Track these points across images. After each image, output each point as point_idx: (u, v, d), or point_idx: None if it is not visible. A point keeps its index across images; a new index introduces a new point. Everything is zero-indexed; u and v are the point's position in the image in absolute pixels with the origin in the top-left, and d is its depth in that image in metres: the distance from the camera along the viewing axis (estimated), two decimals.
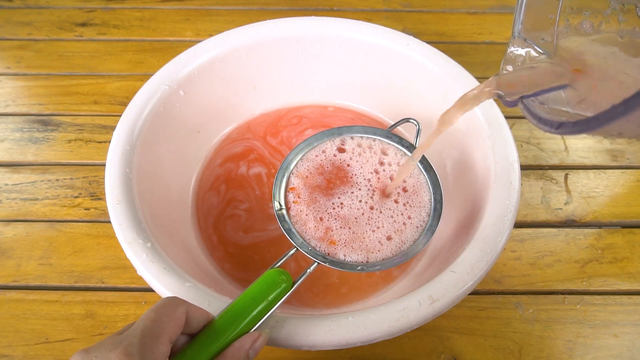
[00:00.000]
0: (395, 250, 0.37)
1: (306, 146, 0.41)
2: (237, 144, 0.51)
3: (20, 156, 0.54)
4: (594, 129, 0.19)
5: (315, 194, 0.39)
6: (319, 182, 0.39)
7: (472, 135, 0.42)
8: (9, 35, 0.68)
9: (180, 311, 0.26)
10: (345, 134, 0.42)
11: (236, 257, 0.44)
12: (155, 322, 0.25)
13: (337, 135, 0.42)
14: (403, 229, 0.38)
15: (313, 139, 0.42)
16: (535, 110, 0.24)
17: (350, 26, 0.48)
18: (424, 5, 0.74)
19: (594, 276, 0.46)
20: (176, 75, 0.44)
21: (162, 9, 0.72)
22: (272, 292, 0.30)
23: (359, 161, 0.41)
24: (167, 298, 0.27)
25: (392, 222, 0.38)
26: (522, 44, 0.28)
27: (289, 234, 0.36)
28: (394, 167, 0.41)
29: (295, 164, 0.40)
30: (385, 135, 0.42)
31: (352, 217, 0.38)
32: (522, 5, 0.28)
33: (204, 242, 0.45)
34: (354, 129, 0.42)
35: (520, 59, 0.28)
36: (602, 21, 0.25)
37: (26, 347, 0.42)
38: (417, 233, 0.38)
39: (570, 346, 0.42)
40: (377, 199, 0.39)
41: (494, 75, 0.28)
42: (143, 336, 0.24)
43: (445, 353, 0.42)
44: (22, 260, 0.47)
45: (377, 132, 0.42)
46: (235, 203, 0.47)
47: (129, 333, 0.24)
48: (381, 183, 0.40)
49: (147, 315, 0.25)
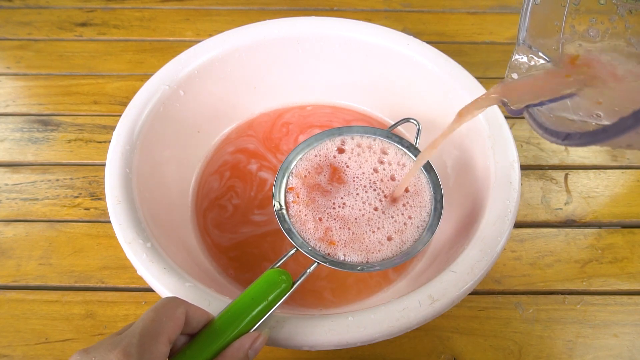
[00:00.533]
0: (395, 251, 0.37)
1: (306, 146, 0.41)
2: (237, 144, 0.51)
3: (20, 156, 0.54)
4: (602, 141, 0.18)
5: (314, 194, 0.39)
6: (317, 182, 0.39)
7: (472, 135, 0.42)
8: (9, 35, 0.68)
9: (180, 311, 0.26)
10: (345, 134, 0.42)
11: (236, 256, 0.44)
12: (155, 322, 0.25)
13: (337, 135, 0.42)
14: (403, 229, 0.38)
15: (313, 139, 0.42)
16: (541, 120, 0.24)
17: (350, 26, 0.48)
18: (424, 5, 0.74)
19: (594, 276, 0.46)
20: (176, 75, 0.44)
21: (162, 9, 0.72)
22: (272, 292, 0.30)
23: (358, 161, 0.41)
24: (166, 298, 0.27)
25: (393, 223, 0.38)
26: (527, 51, 0.28)
27: (288, 234, 0.36)
28: (394, 167, 0.41)
29: (295, 164, 0.40)
30: (386, 136, 0.42)
31: (352, 218, 0.38)
32: (526, 11, 0.27)
33: (203, 242, 0.45)
34: (354, 129, 0.42)
35: (525, 67, 0.28)
36: (609, 27, 0.25)
37: (26, 347, 0.42)
38: (418, 233, 0.38)
39: (570, 346, 0.42)
40: (377, 199, 0.39)
41: (500, 82, 0.28)
42: (142, 336, 0.24)
43: (445, 353, 0.42)
44: (22, 260, 0.47)
45: (377, 132, 0.42)
46: (235, 203, 0.47)
47: (128, 333, 0.24)
48: (381, 183, 0.40)
49: (147, 315, 0.25)
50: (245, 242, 0.44)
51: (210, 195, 0.47)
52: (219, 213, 0.46)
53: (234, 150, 0.51)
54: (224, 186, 0.48)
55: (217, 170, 0.49)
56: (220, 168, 0.49)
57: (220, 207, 0.47)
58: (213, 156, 0.50)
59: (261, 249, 0.44)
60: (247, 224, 0.45)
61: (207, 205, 0.47)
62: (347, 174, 0.40)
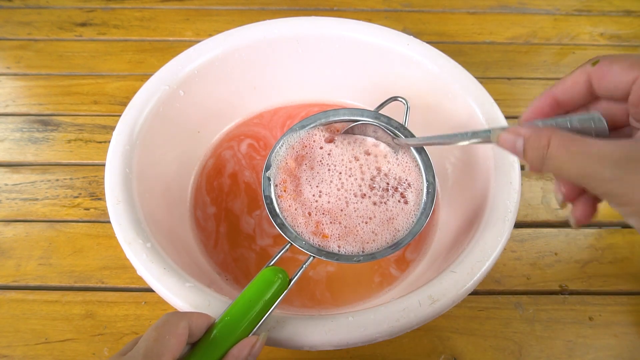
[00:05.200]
0: (390, 238, 0.36)
1: (291, 136, 0.40)
2: (237, 144, 0.51)
3: (20, 156, 0.54)
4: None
5: (300, 186, 0.38)
6: (302, 174, 0.38)
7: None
8: (9, 35, 0.68)
9: (182, 326, 0.26)
10: (331, 117, 0.40)
11: (235, 255, 0.44)
12: (158, 342, 0.24)
13: (323, 120, 0.40)
14: (396, 216, 0.37)
15: (297, 127, 0.40)
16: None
17: (350, 26, 0.48)
18: (424, 5, 0.74)
19: (594, 276, 0.46)
20: (176, 75, 0.44)
21: (162, 9, 0.72)
22: (269, 292, 0.30)
23: (343, 150, 0.40)
24: (168, 314, 0.27)
25: (384, 210, 0.37)
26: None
27: (281, 228, 0.35)
28: (380, 159, 0.40)
29: (280, 156, 0.39)
30: (374, 117, 0.40)
31: (338, 209, 0.37)
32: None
33: (202, 242, 0.44)
34: (340, 112, 0.41)
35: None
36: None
37: (26, 347, 0.42)
38: (412, 218, 0.37)
39: (570, 346, 0.42)
40: (366, 187, 0.38)
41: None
42: (146, 357, 0.24)
43: (445, 353, 0.42)
44: (22, 260, 0.46)
45: (364, 114, 0.40)
46: (234, 203, 0.47)
47: (132, 354, 0.24)
48: (367, 171, 0.39)
49: (149, 334, 0.25)
50: (244, 242, 0.44)
51: (210, 195, 0.47)
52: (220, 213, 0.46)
53: (233, 150, 0.51)
54: (224, 186, 0.48)
55: (217, 170, 0.49)
56: (220, 168, 0.49)
57: (221, 207, 0.47)
58: (213, 156, 0.50)
59: (262, 248, 0.44)
60: (247, 224, 0.45)
61: (207, 205, 0.47)
62: (332, 163, 0.39)
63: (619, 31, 0.71)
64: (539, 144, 0.23)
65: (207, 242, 0.45)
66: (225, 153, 0.50)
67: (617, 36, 0.70)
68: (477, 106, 0.42)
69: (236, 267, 0.43)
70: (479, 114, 0.42)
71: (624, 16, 0.73)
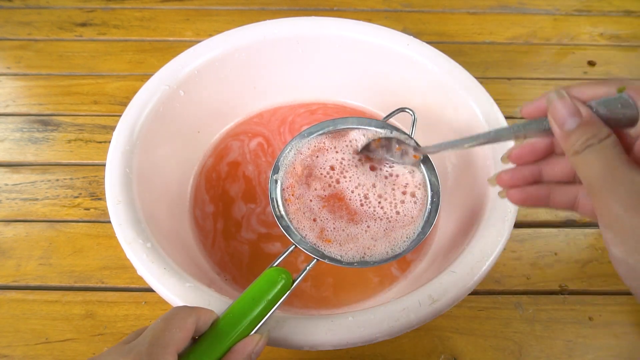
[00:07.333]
0: (391, 247, 0.36)
1: (299, 141, 0.40)
2: (237, 144, 0.51)
3: (20, 156, 0.54)
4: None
5: (307, 192, 0.38)
6: (310, 181, 0.39)
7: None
8: (9, 35, 0.68)
9: (190, 321, 0.26)
10: (339, 125, 0.41)
11: (235, 255, 0.44)
12: (165, 333, 0.25)
13: (331, 127, 0.41)
14: (400, 225, 0.37)
15: (306, 133, 0.41)
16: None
17: (350, 26, 0.48)
18: (424, 5, 0.74)
19: (594, 276, 0.46)
20: (176, 75, 0.44)
21: (162, 9, 0.72)
22: (272, 291, 0.30)
23: (351, 160, 0.41)
24: (177, 308, 0.27)
25: (388, 218, 0.38)
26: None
27: (286, 230, 0.36)
28: (387, 168, 0.40)
29: (288, 161, 0.40)
30: (381, 126, 0.41)
31: (346, 216, 0.37)
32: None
33: (201, 241, 0.45)
34: (348, 121, 0.41)
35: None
36: None
37: (26, 347, 0.42)
38: (414, 227, 0.37)
39: (570, 346, 0.42)
40: (372, 195, 0.39)
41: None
42: (151, 346, 0.24)
43: (445, 353, 0.42)
44: (22, 260, 0.46)
45: (372, 123, 0.41)
46: (234, 203, 0.47)
47: (138, 342, 0.24)
48: (376, 177, 0.39)
49: (157, 325, 0.25)
50: (244, 242, 0.44)
51: (210, 195, 0.47)
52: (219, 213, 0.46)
53: (233, 150, 0.51)
54: (224, 186, 0.48)
55: (217, 170, 0.49)
56: (220, 168, 0.49)
57: (220, 207, 0.47)
58: (213, 156, 0.50)
59: (261, 249, 0.44)
60: (247, 224, 0.45)
61: (206, 203, 0.47)
62: (341, 171, 0.40)
63: (619, 31, 0.71)
64: (594, 137, 0.21)
65: (205, 241, 0.45)
66: (226, 153, 0.50)
67: (617, 36, 0.70)
68: (477, 106, 0.42)
69: (236, 267, 0.43)
70: (479, 114, 0.42)
71: (624, 16, 0.73)
